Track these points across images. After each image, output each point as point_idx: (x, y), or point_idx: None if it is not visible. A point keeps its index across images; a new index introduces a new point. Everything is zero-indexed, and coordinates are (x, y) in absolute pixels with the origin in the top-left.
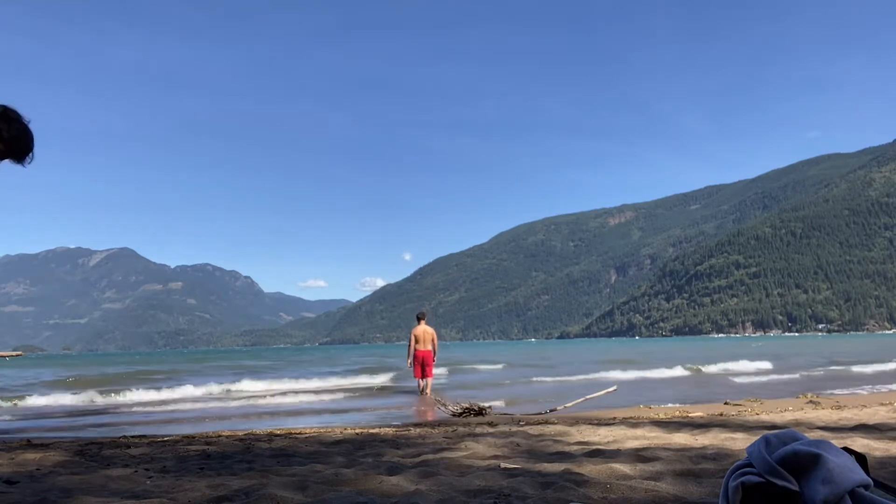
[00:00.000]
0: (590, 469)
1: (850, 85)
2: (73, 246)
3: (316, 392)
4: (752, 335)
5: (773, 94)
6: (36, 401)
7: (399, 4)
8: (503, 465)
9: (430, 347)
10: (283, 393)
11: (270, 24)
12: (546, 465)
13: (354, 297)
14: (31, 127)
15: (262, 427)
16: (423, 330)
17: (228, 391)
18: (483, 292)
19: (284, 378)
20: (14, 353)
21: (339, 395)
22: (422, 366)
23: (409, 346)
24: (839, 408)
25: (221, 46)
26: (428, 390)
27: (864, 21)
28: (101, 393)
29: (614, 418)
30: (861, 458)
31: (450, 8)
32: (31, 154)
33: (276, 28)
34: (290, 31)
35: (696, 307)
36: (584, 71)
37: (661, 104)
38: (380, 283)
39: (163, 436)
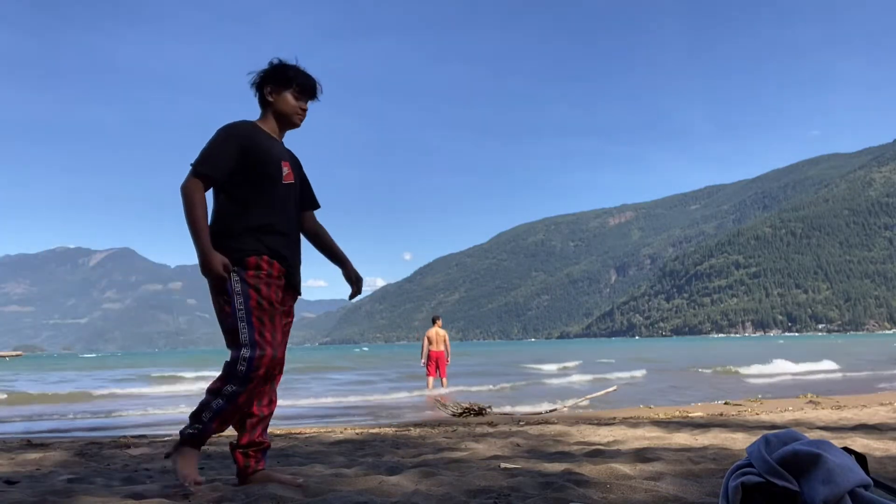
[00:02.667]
0: (590, 469)
1: (850, 85)
2: (73, 246)
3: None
4: (752, 335)
5: (773, 94)
6: None
7: (400, 5)
8: (503, 465)
9: (442, 348)
10: None
11: (270, 24)
12: (546, 465)
13: None
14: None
15: None
16: (437, 332)
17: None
18: (483, 292)
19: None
20: (14, 353)
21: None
22: (436, 365)
23: (423, 346)
24: (839, 408)
25: (222, 46)
26: (443, 388)
27: (864, 21)
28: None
29: (614, 418)
30: (861, 458)
31: (450, 9)
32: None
33: (277, 28)
34: (290, 32)
35: (696, 307)
36: (584, 71)
37: (661, 104)
38: (380, 283)
39: (163, 436)
